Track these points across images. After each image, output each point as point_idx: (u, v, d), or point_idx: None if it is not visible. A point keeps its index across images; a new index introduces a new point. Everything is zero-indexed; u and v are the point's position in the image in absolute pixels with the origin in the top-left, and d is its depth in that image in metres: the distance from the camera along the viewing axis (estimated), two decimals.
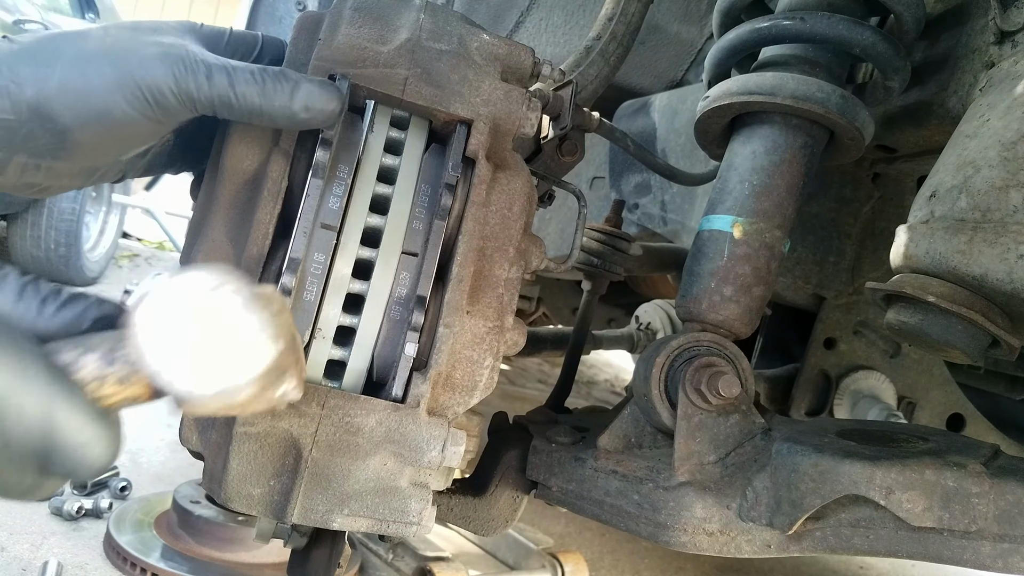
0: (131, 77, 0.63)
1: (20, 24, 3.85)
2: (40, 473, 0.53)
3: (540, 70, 0.83)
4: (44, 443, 0.51)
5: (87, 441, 0.52)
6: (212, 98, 0.64)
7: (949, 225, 0.83)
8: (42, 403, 0.50)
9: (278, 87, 0.66)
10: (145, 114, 0.64)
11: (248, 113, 0.66)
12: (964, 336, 0.85)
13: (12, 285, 0.55)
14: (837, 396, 1.44)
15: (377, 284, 0.72)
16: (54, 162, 0.65)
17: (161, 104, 0.64)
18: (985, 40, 0.97)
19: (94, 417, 0.53)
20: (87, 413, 0.52)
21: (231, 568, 1.75)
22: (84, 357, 0.53)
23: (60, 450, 0.52)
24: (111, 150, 0.68)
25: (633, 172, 1.80)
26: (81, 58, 0.63)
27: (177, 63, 0.64)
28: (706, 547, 0.87)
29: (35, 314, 0.55)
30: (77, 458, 0.52)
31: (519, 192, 0.77)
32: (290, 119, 0.67)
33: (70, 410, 0.51)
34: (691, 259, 1.01)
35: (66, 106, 0.62)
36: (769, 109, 0.99)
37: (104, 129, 0.64)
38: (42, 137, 0.63)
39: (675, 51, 1.88)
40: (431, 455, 0.72)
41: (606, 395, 4.95)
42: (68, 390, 0.52)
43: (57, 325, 0.56)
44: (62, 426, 0.51)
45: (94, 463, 0.53)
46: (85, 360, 0.53)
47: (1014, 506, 0.79)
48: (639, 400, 0.98)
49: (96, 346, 0.54)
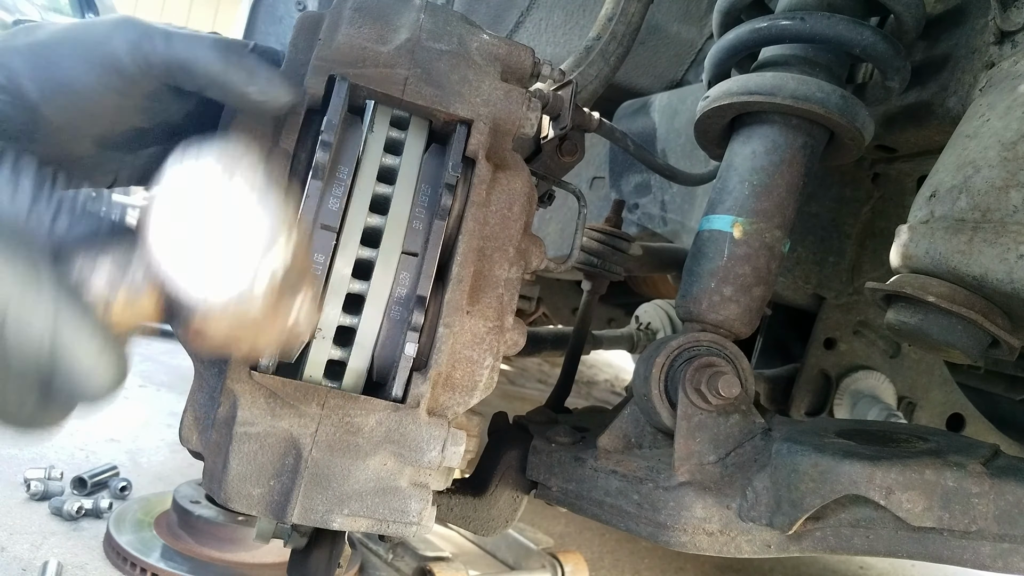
0: (89, 47, 0.64)
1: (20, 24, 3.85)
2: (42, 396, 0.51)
3: (540, 70, 0.83)
4: (47, 362, 0.50)
5: (93, 364, 0.51)
6: (169, 61, 0.64)
7: (949, 225, 0.83)
8: (48, 319, 0.49)
9: (240, 62, 0.66)
10: (106, 84, 0.64)
11: (206, 82, 0.66)
12: (964, 336, 0.85)
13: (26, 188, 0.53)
14: (837, 396, 1.44)
15: (377, 284, 0.72)
16: (31, 144, 0.65)
17: (120, 70, 0.64)
18: (985, 40, 0.97)
19: (102, 340, 0.51)
20: (95, 335, 0.51)
21: (231, 568, 1.75)
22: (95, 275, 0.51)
23: (64, 372, 0.50)
24: (83, 129, 0.68)
25: (633, 172, 1.80)
26: (47, 38, 0.65)
27: (133, 29, 0.65)
28: (706, 547, 0.87)
29: (49, 223, 0.53)
30: (82, 382, 0.51)
31: (519, 192, 0.77)
32: (243, 97, 0.67)
33: (77, 329, 0.50)
34: (691, 259, 1.01)
35: (32, 81, 0.63)
36: (769, 109, 0.99)
37: (70, 103, 0.64)
38: (15, 116, 0.63)
39: (675, 51, 1.88)
40: (431, 455, 0.72)
41: (606, 395, 4.95)
42: (77, 308, 0.50)
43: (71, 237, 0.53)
44: (68, 345, 0.50)
45: (99, 389, 0.52)
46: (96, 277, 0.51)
47: (1014, 506, 0.79)
48: (639, 400, 0.98)
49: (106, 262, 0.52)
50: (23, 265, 0.49)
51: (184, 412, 0.72)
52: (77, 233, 0.54)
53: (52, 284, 0.50)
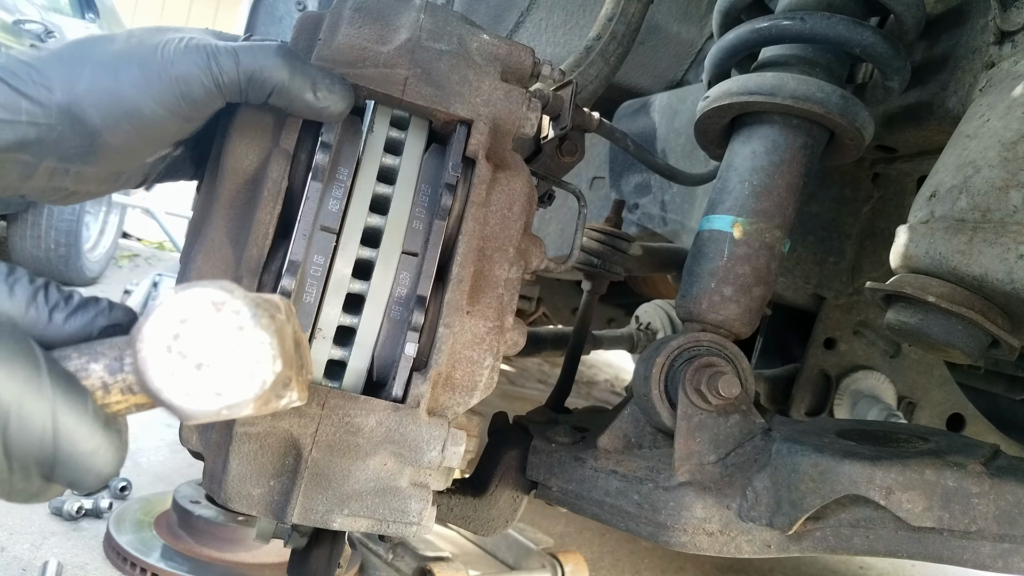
0: (158, 73, 0.63)
1: (20, 24, 3.85)
2: (46, 480, 0.53)
3: (540, 70, 0.83)
4: (49, 451, 0.51)
5: (93, 449, 0.52)
6: (240, 77, 0.64)
7: (949, 225, 0.83)
8: (48, 411, 0.50)
9: (305, 69, 0.66)
10: (173, 110, 0.64)
11: (274, 92, 0.66)
12: (964, 336, 0.85)
13: (23, 290, 0.55)
14: (837, 396, 1.44)
15: (377, 284, 0.72)
16: (83, 166, 0.65)
17: (189, 97, 0.64)
18: (985, 40, 0.97)
19: (100, 425, 0.53)
20: (94, 421, 0.52)
21: (231, 568, 1.75)
22: (91, 365, 0.53)
23: (66, 458, 0.52)
24: (140, 152, 0.68)
25: (633, 172, 1.80)
26: (108, 60, 0.63)
27: (202, 52, 0.64)
28: (706, 547, 0.87)
29: (46, 321, 0.55)
30: (83, 466, 0.52)
31: (519, 192, 0.77)
32: (306, 104, 0.67)
33: (77, 418, 0.51)
34: (691, 259, 1.01)
35: (95, 107, 0.62)
36: (769, 109, 0.99)
37: (133, 129, 0.64)
38: (72, 140, 0.63)
39: (675, 51, 1.88)
40: (431, 455, 0.72)
41: (606, 395, 4.95)
42: (76, 397, 0.52)
43: (67, 333, 0.56)
44: (68, 434, 0.51)
45: (100, 471, 0.53)
46: (92, 368, 0.53)
47: (1014, 506, 0.79)
48: (639, 400, 0.98)
49: (103, 354, 0.54)
50: (24, 362, 0.50)
51: None
52: (74, 327, 0.56)
53: (52, 375, 0.51)
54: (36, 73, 0.61)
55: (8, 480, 0.51)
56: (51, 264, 4.41)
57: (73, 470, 0.52)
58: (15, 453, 0.50)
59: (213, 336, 0.51)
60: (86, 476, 0.53)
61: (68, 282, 4.56)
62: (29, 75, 0.61)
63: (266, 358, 0.52)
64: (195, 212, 0.77)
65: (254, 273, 0.69)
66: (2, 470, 0.50)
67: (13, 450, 0.50)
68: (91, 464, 0.53)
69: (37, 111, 0.61)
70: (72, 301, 0.57)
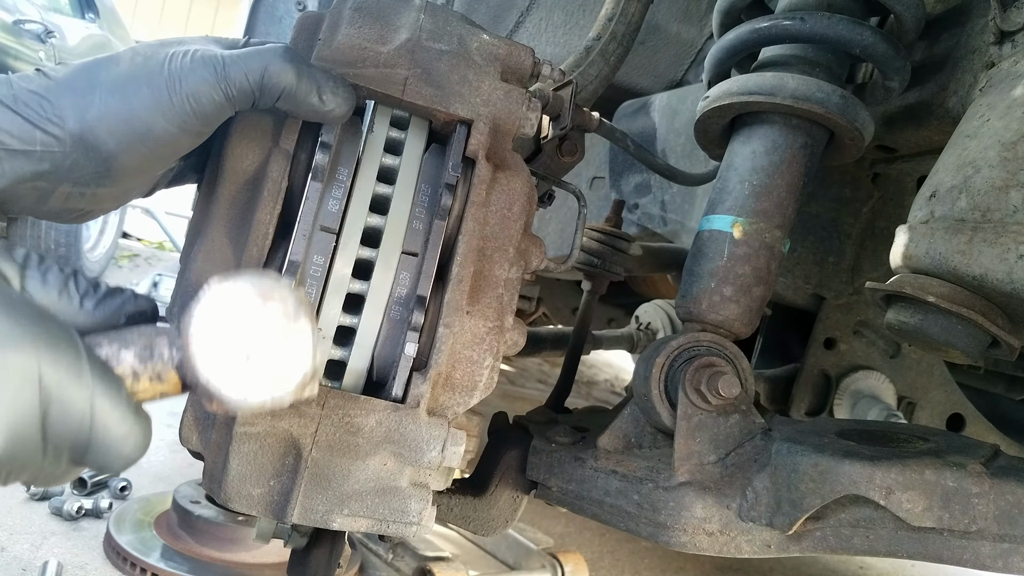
0: (167, 92, 0.64)
1: (20, 24, 3.85)
2: (73, 463, 0.54)
3: (540, 70, 0.83)
4: (85, 436, 0.52)
5: (125, 435, 0.54)
6: (249, 86, 0.65)
7: (949, 225, 0.83)
8: (88, 397, 0.52)
9: (311, 73, 0.67)
10: (185, 127, 0.65)
11: (281, 97, 0.66)
12: (964, 336, 0.85)
13: (55, 278, 0.57)
14: (837, 396, 1.44)
15: (377, 284, 0.72)
16: (98, 188, 0.66)
17: (199, 112, 0.64)
18: (985, 40, 0.97)
19: (132, 411, 0.54)
20: (127, 407, 0.54)
21: (231, 568, 1.75)
22: (122, 352, 0.55)
23: (99, 443, 0.53)
24: (153, 168, 0.69)
25: (633, 172, 1.80)
26: (117, 83, 0.64)
27: (209, 65, 0.64)
28: (706, 547, 0.87)
29: (77, 308, 0.57)
30: (114, 451, 0.54)
31: (519, 192, 0.77)
32: (311, 107, 0.67)
33: (112, 404, 0.53)
34: (691, 259, 1.01)
35: (109, 133, 0.63)
36: (769, 109, 0.99)
37: (147, 150, 0.65)
38: (87, 166, 0.64)
39: (675, 51, 1.88)
40: (431, 455, 0.72)
41: (606, 395, 4.95)
42: (111, 384, 0.53)
43: (96, 319, 0.57)
44: (103, 420, 0.53)
45: (128, 456, 0.55)
46: (123, 355, 0.55)
47: (1014, 506, 0.79)
48: (639, 400, 0.98)
49: (133, 342, 0.55)
50: (66, 348, 0.52)
51: (184, 412, 0.72)
52: (103, 314, 0.58)
53: (91, 363, 0.52)
54: (48, 104, 0.62)
55: (40, 463, 0.52)
56: None
57: (104, 454, 0.54)
58: (52, 437, 0.51)
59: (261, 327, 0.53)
60: (116, 460, 0.55)
61: None
62: (41, 106, 0.62)
63: (309, 348, 0.54)
64: (195, 212, 0.77)
65: None
66: (36, 453, 0.51)
67: (51, 434, 0.51)
68: (121, 449, 0.54)
69: (52, 142, 0.62)
70: (100, 289, 0.58)
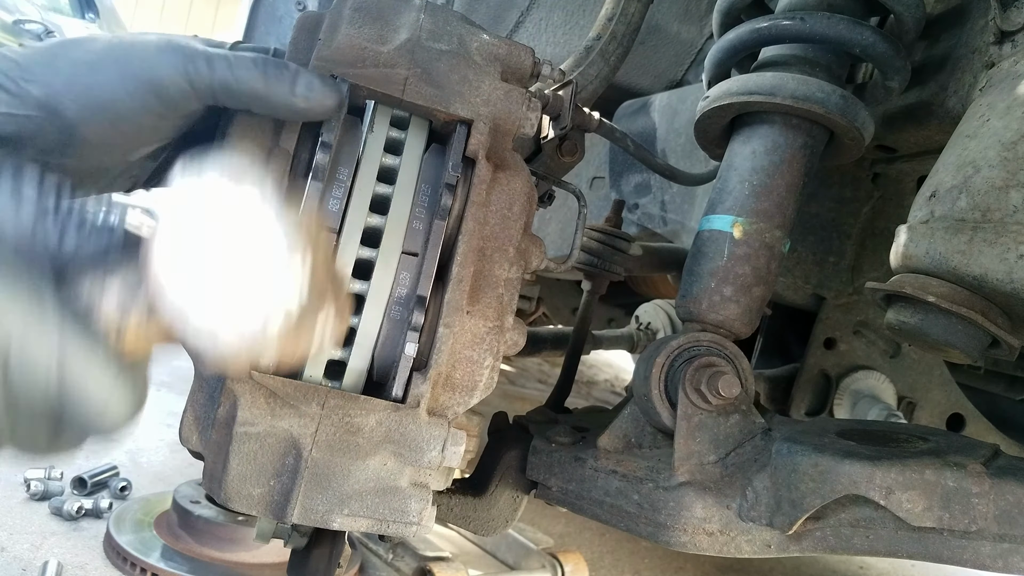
0: (133, 70, 0.64)
1: (20, 24, 3.85)
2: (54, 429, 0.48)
3: (540, 70, 0.83)
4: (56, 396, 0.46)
5: (106, 396, 0.48)
6: (213, 84, 0.65)
7: (949, 225, 0.83)
8: (53, 347, 0.45)
9: (280, 75, 0.67)
10: (147, 107, 0.65)
11: (249, 99, 0.67)
12: (964, 336, 0.85)
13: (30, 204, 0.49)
14: (837, 396, 1.44)
15: (377, 284, 0.72)
16: (63, 159, 0.66)
17: (162, 95, 0.65)
18: (985, 40, 0.97)
19: (115, 368, 0.48)
20: (106, 364, 0.48)
21: (231, 568, 1.75)
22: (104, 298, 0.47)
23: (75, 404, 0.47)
24: (119, 147, 0.69)
25: (633, 172, 1.80)
26: (89, 57, 0.65)
27: (176, 52, 0.65)
28: (706, 547, 0.87)
29: (56, 241, 0.49)
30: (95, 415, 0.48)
31: (519, 192, 0.77)
32: (289, 108, 0.68)
33: (87, 360, 0.47)
34: (691, 259, 1.01)
35: (73, 101, 0.63)
36: (769, 109, 0.99)
37: (109, 123, 0.65)
38: (51, 133, 0.64)
39: (675, 51, 1.88)
40: (431, 455, 0.72)
41: (606, 395, 4.95)
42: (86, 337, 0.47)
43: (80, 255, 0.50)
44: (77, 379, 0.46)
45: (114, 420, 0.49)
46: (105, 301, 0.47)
47: (1014, 506, 0.79)
48: (639, 400, 0.98)
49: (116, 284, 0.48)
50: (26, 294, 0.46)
51: (184, 412, 0.72)
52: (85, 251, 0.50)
53: (57, 313, 0.46)
54: (18, 68, 0.63)
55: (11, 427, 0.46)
56: None
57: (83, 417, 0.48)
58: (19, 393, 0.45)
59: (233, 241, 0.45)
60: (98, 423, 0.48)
61: None
62: (10, 70, 0.62)
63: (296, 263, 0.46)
64: None
65: None
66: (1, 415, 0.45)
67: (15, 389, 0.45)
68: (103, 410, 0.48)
69: (16, 104, 0.62)
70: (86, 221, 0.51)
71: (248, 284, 0.44)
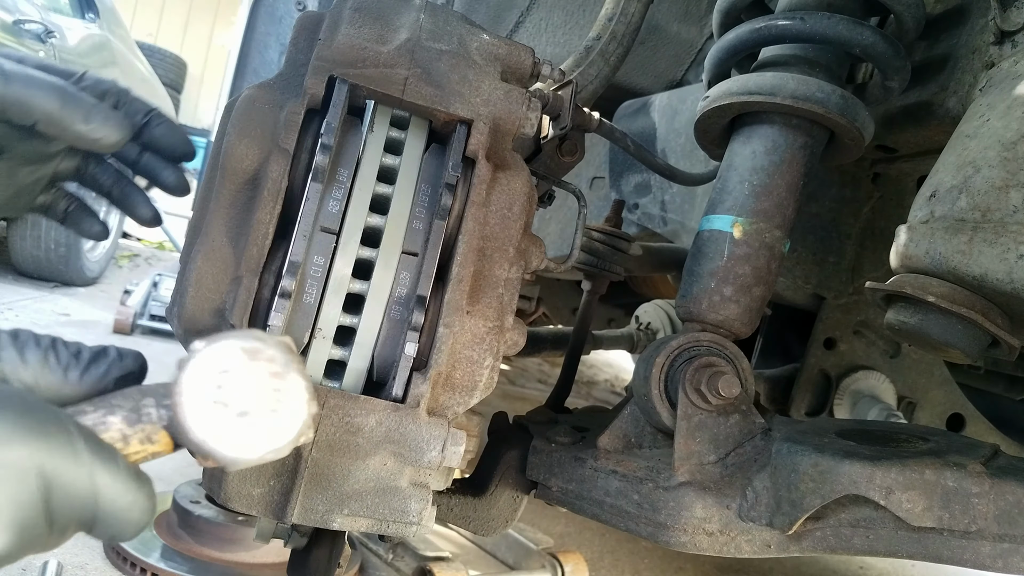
0: None
1: (20, 24, 3.84)
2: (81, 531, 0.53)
3: (540, 70, 0.83)
4: (91, 513, 0.51)
5: (129, 504, 0.53)
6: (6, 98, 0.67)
7: (949, 225, 0.83)
8: (88, 476, 0.50)
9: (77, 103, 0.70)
10: None
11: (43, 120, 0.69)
12: (964, 336, 0.85)
13: (34, 354, 0.55)
14: (837, 396, 1.44)
15: (377, 284, 0.72)
16: None
17: None
18: (985, 40, 0.97)
19: (133, 478, 0.53)
20: (127, 476, 0.53)
21: (231, 568, 1.74)
22: (108, 418, 0.53)
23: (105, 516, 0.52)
24: None
25: (633, 172, 1.80)
26: None
27: None
28: (706, 547, 0.87)
29: (60, 381, 0.55)
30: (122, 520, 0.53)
31: (519, 192, 0.77)
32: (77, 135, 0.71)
33: (112, 476, 0.52)
34: (691, 259, 1.01)
35: None
36: (769, 109, 0.99)
37: None
38: None
39: (675, 51, 1.88)
40: (431, 455, 0.72)
41: (606, 395, 4.95)
42: (109, 457, 0.52)
43: (83, 390, 0.56)
44: (106, 494, 0.51)
45: (138, 522, 0.54)
46: (110, 421, 0.53)
47: (1014, 506, 0.79)
48: (639, 400, 0.98)
49: (119, 406, 0.54)
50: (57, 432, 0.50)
51: None
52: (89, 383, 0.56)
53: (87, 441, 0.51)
54: None
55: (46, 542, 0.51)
56: (51, 264, 4.40)
57: (112, 526, 0.53)
58: (58, 520, 0.50)
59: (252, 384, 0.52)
60: (125, 529, 0.53)
61: (68, 282, 4.55)
62: None
63: (303, 400, 0.53)
64: (195, 212, 0.77)
65: (254, 273, 0.69)
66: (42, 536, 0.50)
67: (56, 517, 0.50)
68: (128, 516, 0.53)
69: None
70: (82, 356, 0.56)
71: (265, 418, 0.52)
